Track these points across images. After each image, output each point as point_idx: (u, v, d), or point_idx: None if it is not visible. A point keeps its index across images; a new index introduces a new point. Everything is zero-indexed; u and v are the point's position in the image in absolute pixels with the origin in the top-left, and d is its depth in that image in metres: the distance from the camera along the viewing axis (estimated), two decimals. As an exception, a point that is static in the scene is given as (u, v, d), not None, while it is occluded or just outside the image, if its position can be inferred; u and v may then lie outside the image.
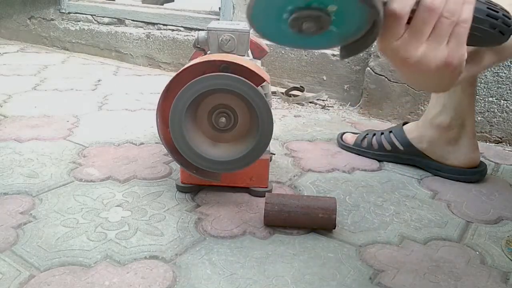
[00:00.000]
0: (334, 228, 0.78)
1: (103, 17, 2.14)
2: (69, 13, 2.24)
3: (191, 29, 1.90)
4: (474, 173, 1.01)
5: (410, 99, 1.37)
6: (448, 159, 1.01)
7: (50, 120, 1.28)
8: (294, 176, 1.00)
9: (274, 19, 0.47)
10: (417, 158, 1.05)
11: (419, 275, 0.68)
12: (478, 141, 1.02)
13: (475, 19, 0.48)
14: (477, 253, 0.75)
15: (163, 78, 1.85)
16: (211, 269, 0.68)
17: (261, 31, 0.49)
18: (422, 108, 1.35)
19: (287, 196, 0.81)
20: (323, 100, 1.58)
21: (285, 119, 1.39)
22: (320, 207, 0.77)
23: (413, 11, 0.44)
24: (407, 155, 1.06)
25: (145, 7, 2.13)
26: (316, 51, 1.58)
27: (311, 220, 0.77)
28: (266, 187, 0.89)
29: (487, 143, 1.27)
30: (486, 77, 1.25)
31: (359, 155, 1.12)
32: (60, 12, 2.27)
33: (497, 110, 1.26)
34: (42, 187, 0.90)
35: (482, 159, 1.06)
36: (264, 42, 1.04)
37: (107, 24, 2.14)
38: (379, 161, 1.09)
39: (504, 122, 1.26)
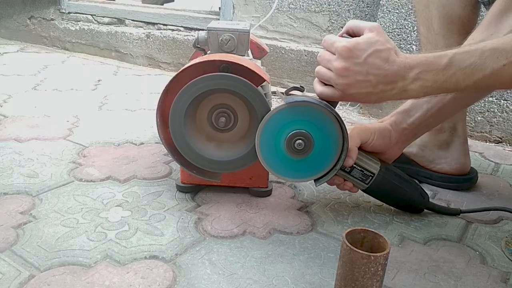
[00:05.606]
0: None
1: (103, 17, 2.14)
2: (69, 13, 2.24)
3: (191, 29, 1.90)
4: (465, 180, 0.98)
5: (410, 99, 1.36)
6: (438, 164, 0.98)
7: (50, 120, 1.28)
8: (294, 176, 1.00)
9: (273, 146, 0.75)
10: (406, 165, 0.99)
11: (419, 275, 0.68)
12: (478, 141, 1.01)
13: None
14: (477, 253, 0.75)
15: (163, 78, 1.85)
16: (211, 269, 0.68)
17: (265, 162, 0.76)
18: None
19: None
20: (323, 100, 1.57)
21: (285, 119, 1.39)
22: None
23: None
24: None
25: (145, 7, 2.13)
26: (316, 51, 1.58)
27: None
28: (266, 187, 0.89)
29: (487, 143, 1.27)
30: (486, 77, 1.25)
31: None
32: (60, 12, 2.27)
33: (497, 110, 1.26)
34: (42, 187, 0.90)
35: (482, 159, 1.06)
36: (264, 42, 1.04)
37: (107, 24, 2.14)
38: None
39: (504, 122, 1.26)
